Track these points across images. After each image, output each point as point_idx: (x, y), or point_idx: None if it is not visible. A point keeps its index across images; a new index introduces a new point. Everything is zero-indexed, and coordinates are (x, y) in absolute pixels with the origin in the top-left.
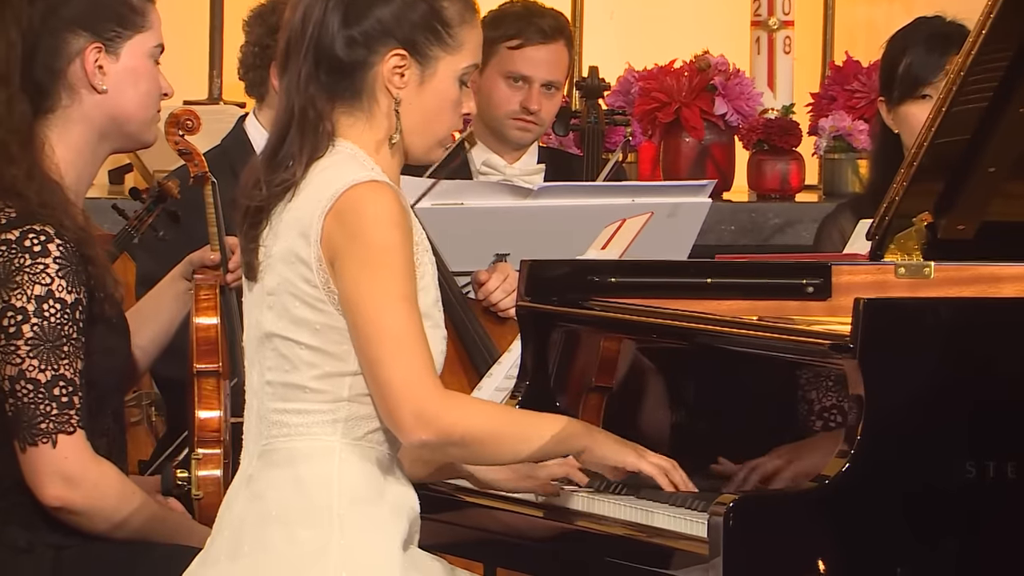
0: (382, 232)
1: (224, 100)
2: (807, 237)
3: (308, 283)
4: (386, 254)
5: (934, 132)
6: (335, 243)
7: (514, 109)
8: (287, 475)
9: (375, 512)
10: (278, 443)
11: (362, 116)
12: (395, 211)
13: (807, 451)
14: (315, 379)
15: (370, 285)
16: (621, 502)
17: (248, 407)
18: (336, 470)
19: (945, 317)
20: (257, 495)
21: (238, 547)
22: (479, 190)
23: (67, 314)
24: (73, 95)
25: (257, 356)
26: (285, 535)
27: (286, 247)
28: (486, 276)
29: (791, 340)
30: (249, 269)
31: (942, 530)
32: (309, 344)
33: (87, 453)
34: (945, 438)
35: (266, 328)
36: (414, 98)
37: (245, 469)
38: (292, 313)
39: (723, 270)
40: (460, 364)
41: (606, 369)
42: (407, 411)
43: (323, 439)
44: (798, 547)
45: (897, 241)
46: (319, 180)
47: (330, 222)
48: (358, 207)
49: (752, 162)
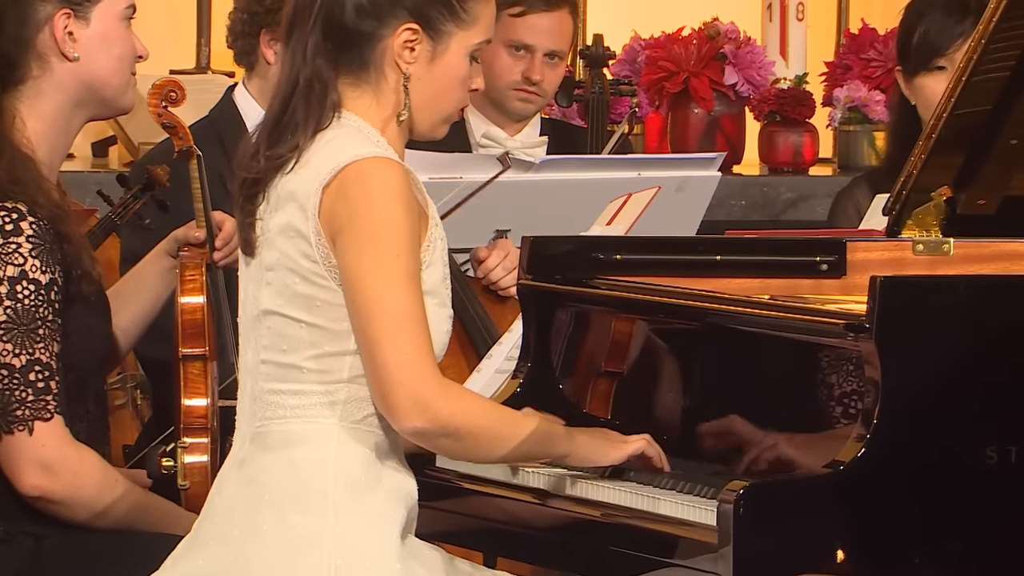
0: (386, 208)
1: (212, 69)
2: (821, 212)
3: (307, 258)
4: (389, 230)
5: (954, 103)
6: (337, 218)
7: (516, 79)
8: (281, 458)
9: (372, 499)
10: (272, 425)
11: (368, 90)
12: (400, 187)
13: (821, 435)
14: (313, 359)
15: (372, 261)
16: (625, 488)
17: (241, 387)
18: (333, 454)
19: (965, 296)
20: (250, 479)
21: (228, 531)
22: (478, 163)
23: (42, 295)
24: (43, 64)
25: (252, 334)
26: (277, 519)
27: (284, 221)
28: (486, 253)
29: (804, 320)
30: (246, 244)
31: (962, 517)
32: (308, 322)
33: (66, 440)
34: (965, 422)
35: (263, 305)
36: (424, 74)
37: (237, 452)
38: (291, 289)
39: (733, 247)
40: (459, 345)
41: (617, 354)
42: (403, 395)
43: (320, 422)
44: (811, 536)
45: (915, 216)
46: (322, 152)
47: (330, 195)
48: (362, 182)
49: (763, 134)
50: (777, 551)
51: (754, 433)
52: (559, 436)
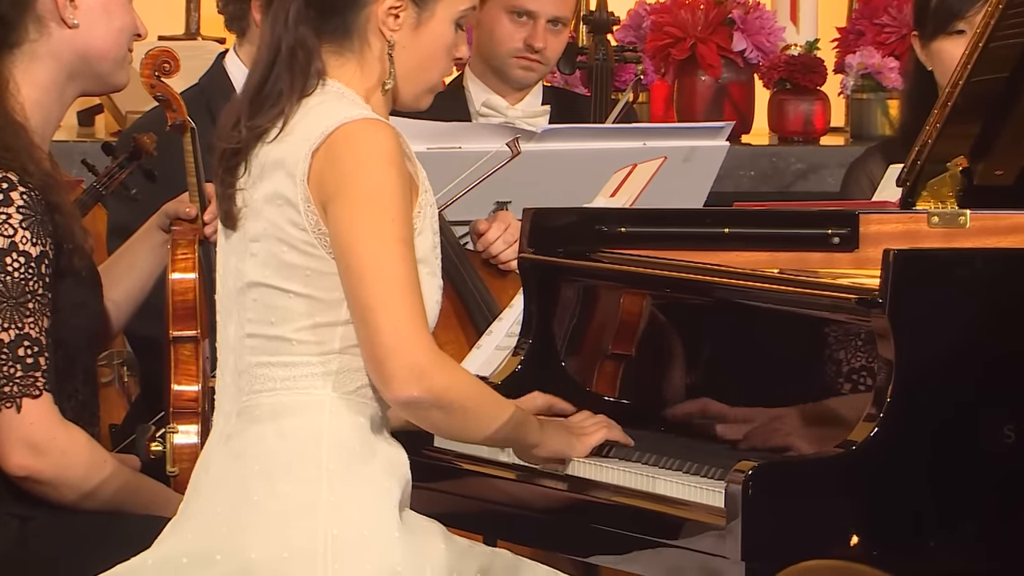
0: (378, 171)
1: (202, 35)
2: (833, 183)
3: (296, 226)
4: (383, 193)
5: (971, 70)
6: (327, 183)
7: (517, 47)
8: (270, 429)
9: (366, 469)
10: (261, 398)
11: (352, 58)
12: (392, 149)
13: (833, 414)
14: (304, 330)
15: (365, 226)
16: (629, 469)
17: (222, 364)
18: (326, 423)
19: (981, 270)
20: (237, 453)
21: (217, 505)
22: (478, 133)
23: (32, 268)
24: (41, 28)
25: (235, 308)
26: (268, 490)
27: (271, 189)
28: (486, 226)
29: (815, 295)
30: (227, 217)
31: (977, 499)
32: (299, 292)
33: (54, 418)
34: (981, 400)
35: (249, 277)
36: (408, 42)
37: (222, 429)
38: (279, 259)
39: (742, 219)
40: (457, 320)
41: (622, 333)
42: (398, 363)
43: (312, 392)
44: (822, 517)
45: (930, 188)
46: (309, 118)
47: (320, 160)
48: (352, 144)
49: (773, 102)
50: (786, 533)
51: (763, 412)
52: (533, 425)
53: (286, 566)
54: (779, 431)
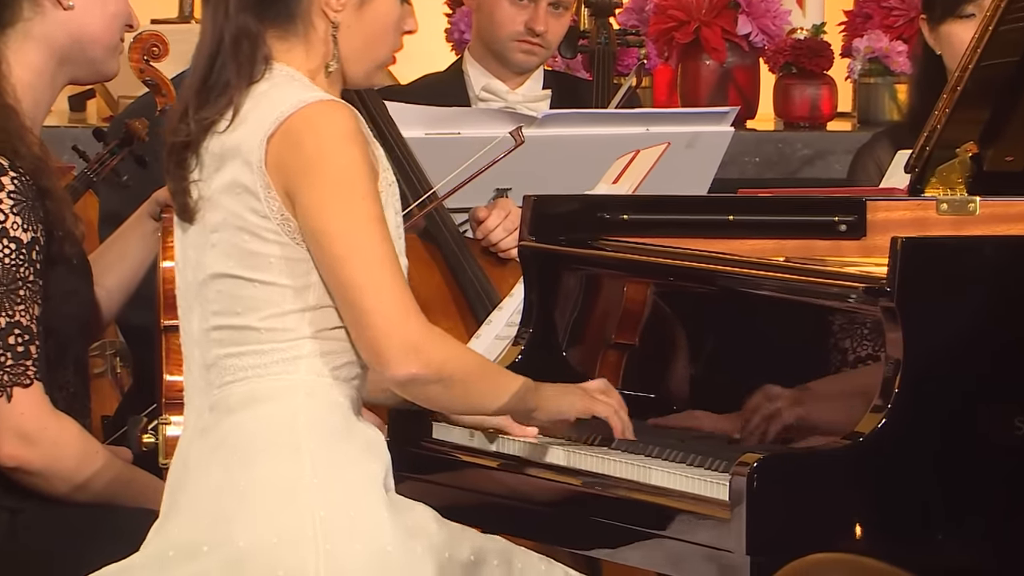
0: (344, 152)
1: (196, 19)
2: (839, 170)
3: (257, 214)
4: (352, 175)
5: (980, 53)
6: (290, 170)
7: (518, 30)
8: (246, 417)
9: (348, 449)
10: (233, 389)
11: (298, 42)
12: (354, 128)
13: (839, 405)
14: (271, 318)
15: (337, 209)
16: (632, 461)
17: (188, 358)
18: (302, 406)
19: (991, 257)
20: (216, 445)
21: (200, 498)
22: (477, 118)
23: (23, 255)
24: (36, 8)
25: (198, 301)
26: (251, 477)
27: (228, 179)
28: (485, 213)
29: (821, 283)
30: (184, 211)
31: (987, 492)
32: (265, 280)
33: (45, 408)
34: (991, 392)
35: (211, 269)
36: (353, 22)
37: (195, 424)
38: (242, 249)
39: (747, 206)
40: (456, 309)
41: (628, 325)
42: (393, 343)
43: (285, 377)
44: (828, 510)
45: (939, 174)
46: (260, 105)
47: (277, 146)
48: (314, 128)
49: (779, 87)
50: (792, 526)
51: (769, 403)
52: (530, 389)
53: (276, 551)
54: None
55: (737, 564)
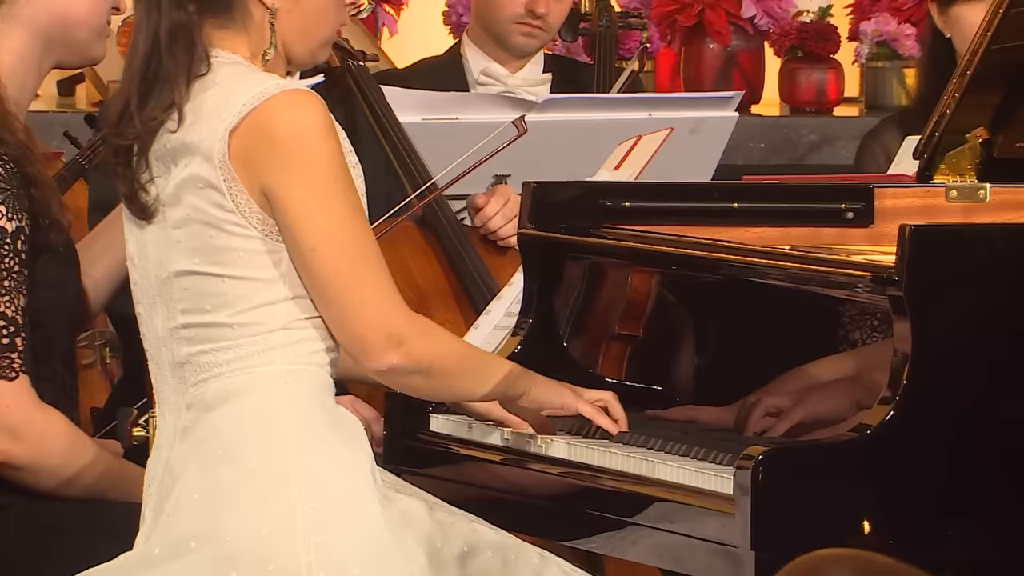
0: (320, 144)
1: None
2: (846, 156)
3: (222, 208)
4: (330, 168)
5: (991, 37)
6: (263, 166)
7: (518, 12)
8: (226, 412)
9: (332, 437)
10: (209, 386)
11: (239, 30)
12: (327, 120)
13: (846, 397)
14: (242, 313)
15: (318, 204)
16: (634, 454)
17: (156, 357)
18: (281, 396)
19: (1002, 246)
20: (198, 443)
21: (187, 499)
22: (476, 103)
23: (7, 245)
24: None
25: (161, 299)
26: (236, 473)
27: (188, 174)
28: (484, 200)
29: (828, 272)
30: (142, 211)
31: (998, 487)
32: (233, 275)
33: (31, 401)
34: (1002, 383)
35: (175, 267)
36: (292, 6)
37: (174, 425)
38: (209, 244)
39: (751, 193)
40: (455, 299)
41: (628, 315)
42: (375, 335)
43: (261, 369)
44: (834, 505)
45: (948, 160)
46: (215, 97)
47: (243, 140)
48: (287, 122)
49: (784, 71)
50: (798, 521)
51: (773, 395)
52: (519, 375)
53: (266, 544)
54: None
55: (742, 559)
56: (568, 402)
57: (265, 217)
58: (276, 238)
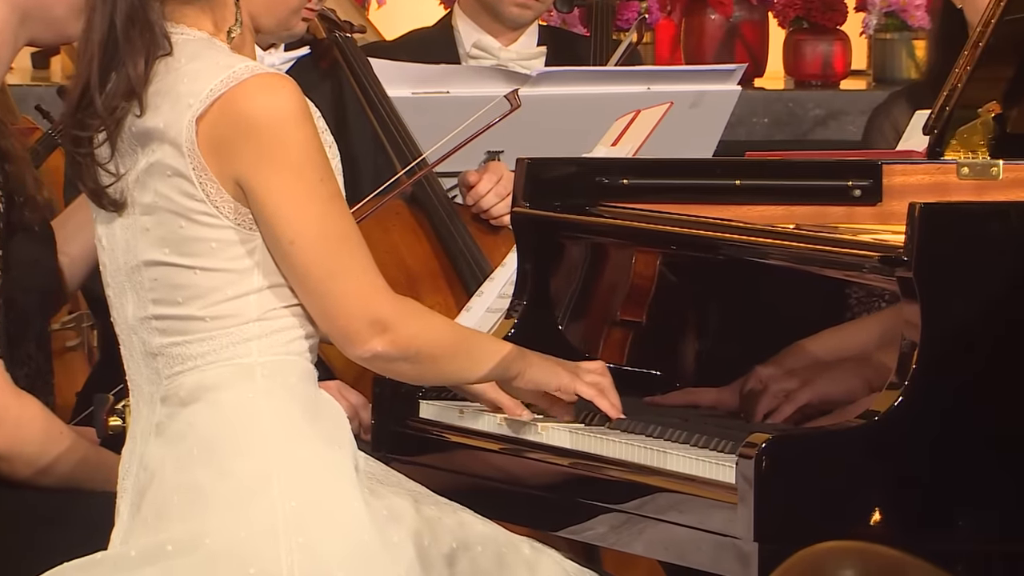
0: (297, 131)
1: None
2: (854, 131)
3: (191, 197)
4: (308, 155)
5: (1004, 7)
6: (237, 154)
7: None
8: (203, 407)
9: (313, 431)
10: (183, 379)
11: (201, 5)
12: (300, 101)
13: (853, 382)
14: (215, 305)
15: (299, 194)
16: (633, 442)
17: (128, 345)
18: (260, 389)
19: (1016, 225)
20: (174, 440)
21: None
22: (468, 76)
23: None
24: None
25: (131, 287)
26: (215, 472)
27: (154, 160)
28: (476, 177)
29: (834, 252)
30: (111, 202)
31: (1010, 475)
32: (205, 267)
33: (6, 387)
34: (1015, 368)
35: (144, 256)
36: None
37: (148, 419)
38: (180, 235)
39: (755, 170)
40: (446, 280)
41: (626, 297)
42: (360, 323)
43: (237, 361)
44: (841, 494)
45: (959, 136)
46: (182, 82)
47: (213, 126)
48: (263, 109)
49: (789, 43)
50: (803, 511)
51: (778, 380)
52: (514, 355)
53: (246, 547)
54: (796, 400)
55: (745, 551)
56: (565, 383)
57: (238, 206)
58: (249, 227)
